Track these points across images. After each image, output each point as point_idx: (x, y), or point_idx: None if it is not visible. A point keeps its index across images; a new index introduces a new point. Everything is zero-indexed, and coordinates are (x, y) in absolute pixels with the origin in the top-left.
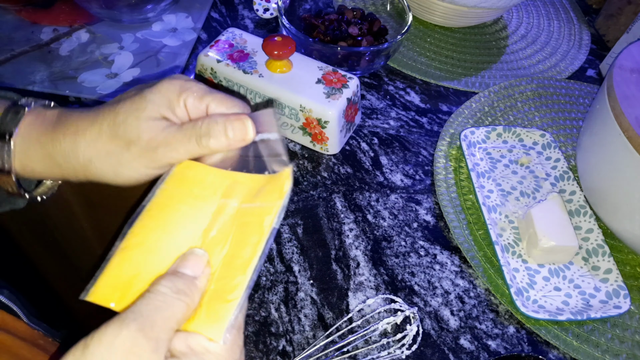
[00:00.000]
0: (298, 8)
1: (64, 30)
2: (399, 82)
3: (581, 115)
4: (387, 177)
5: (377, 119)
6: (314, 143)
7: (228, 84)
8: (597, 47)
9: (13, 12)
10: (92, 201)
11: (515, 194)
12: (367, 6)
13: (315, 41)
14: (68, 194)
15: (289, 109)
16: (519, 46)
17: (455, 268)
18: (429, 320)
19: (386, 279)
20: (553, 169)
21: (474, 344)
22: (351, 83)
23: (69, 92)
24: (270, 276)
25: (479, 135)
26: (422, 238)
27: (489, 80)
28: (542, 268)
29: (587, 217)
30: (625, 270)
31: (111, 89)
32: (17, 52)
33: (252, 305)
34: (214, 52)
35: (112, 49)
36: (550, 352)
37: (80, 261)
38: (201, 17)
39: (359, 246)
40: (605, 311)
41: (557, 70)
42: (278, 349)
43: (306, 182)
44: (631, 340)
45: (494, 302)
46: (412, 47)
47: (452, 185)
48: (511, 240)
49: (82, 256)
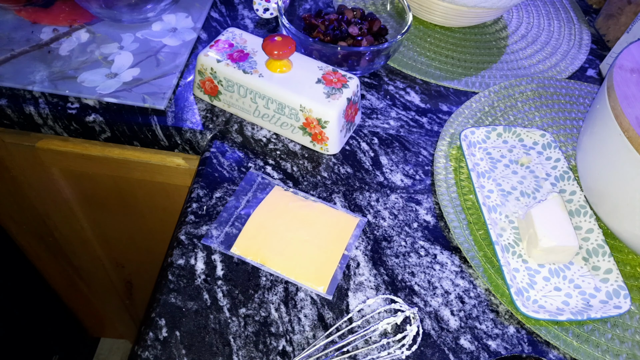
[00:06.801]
0: (298, 8)
1: (64, 30)
2: (399, 82)
3: (581, 115)
4: (387, 177)
5: (377, 118)
6: (314, 143)
7: (228, 84)
8: (597, 47)
9: (13, 12)
10: (92, 201)
11: (516, 194)
12: (367, 6)
13: (315, 41)
14: (68, 194)
15: (289, 109)
16: (519, 46)
17: (456, 268)
18: (429, 320)
19: (386, 279)
20: (553, 169)
21: (474, 344)
22: (351, 83)
23: (68, 92)
24: (270, 276)
25: (479, 135)
26: (422, 238)
27: (489, 80)
28: (542, 268)
29: (587, 217)
30: (625, 270)
31: (111, 88)
32: (17, 52)
33: (252, 305)
34: (214, 52)
35: (112, 49)
36: (551, 352)
37: (80, 261)
38: (201, 17)
39: (359, 246)
40: (606, 311)
41: (557, 70)
42: (278, 349)
43: (306, 182)
44: (631, 340)
45: (494, 302)
46: (412, 47)
47: (452, 185)
48: (511, 240)
49: (82, 256)
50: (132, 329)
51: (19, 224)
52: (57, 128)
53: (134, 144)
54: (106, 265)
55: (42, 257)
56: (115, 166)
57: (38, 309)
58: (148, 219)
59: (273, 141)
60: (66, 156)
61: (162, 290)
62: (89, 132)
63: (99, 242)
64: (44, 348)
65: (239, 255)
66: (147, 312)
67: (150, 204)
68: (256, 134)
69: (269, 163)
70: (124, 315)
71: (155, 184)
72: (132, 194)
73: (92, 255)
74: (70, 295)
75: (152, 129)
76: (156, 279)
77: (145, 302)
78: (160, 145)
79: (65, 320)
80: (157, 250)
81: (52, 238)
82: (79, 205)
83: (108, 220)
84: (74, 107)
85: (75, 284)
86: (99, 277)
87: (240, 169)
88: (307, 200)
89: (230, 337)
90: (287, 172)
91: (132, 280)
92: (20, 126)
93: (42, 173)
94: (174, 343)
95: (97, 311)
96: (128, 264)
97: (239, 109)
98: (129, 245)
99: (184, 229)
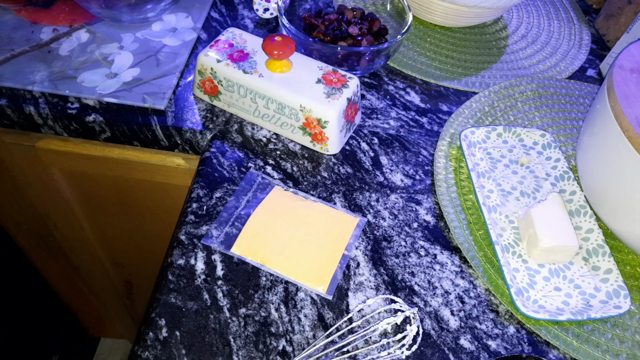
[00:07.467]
0: (298, 8)
1: (64, 30)
2: (399, 82)
3: (581, 115)
4: (387, 177)
5: (377, 118)
6: (314, 143)
7: (228, 84)
8: (597, 47)
9: (13, 12)
10: (92, 201)
11: (516, 194)
12: (367, 6)
13: (315, 41)
14: (68, 194)
15: (289, 109)
16: (519, 46)
17: (456, 268)
18: (429, 320)
19: (386, 279)
20: (553, 169)
21: (474, 344)
22: (351, 83)
23: (68, 92)
24: (270, 276)
25: (479, 135)
26: (422, 238)
27: (489, 80)
28: (542, 268)
29: (587, 217)
30: (625, 270)
31: (111, 88)
32: (17, 51)
33: (252, 305)
34: (214, 52)
35: (112, 49)
36: (551, 352)
37: (80, 261)
38: (201, 17)
39: (359, 246)
40: (606, 311)
41: (557, 70)
42: (278, 349)
43: (306, 182)
44: (631, 340)
45: (494, 302)
46: (412, 47)
47: (452, 185)
48: (511, 240)
49: (82, 256)
50: (132, 329)
51: (19, 224)
52: (57, 128)
53: (134, 144)
54: (106, 265)
55: (42, 257)
56: (115, 166)
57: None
58: (148, 219)
59: (273, 141)
60: (66, 156)
61: (162, 290)
62: (89, 132)
63: (99, 242)
64: (43, 348)
65: (239, 255)
66: (147, 312)
67: (150, 204)
68: (256, 134)
69: (269, 163)
70: (124, 315)
71: (155, 184)
72: (132, 194)
73: (92, 255)
74: (70, 295)
75: (152, 129)
76: (156, 279)
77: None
78: (160, 145)
79: (65, 320)
80: (157, 250)
81: (52, 238)
82: (79, 205)
83: (108, 220)
84: (74, 107)
85: (75, 284)
86: (99, 277)
87: (240, 169)
88: (307, 200)
89: (230, 337)
90: (287, 172)
91: (132, 280)
92: (20, 126)
93: (42, 173)
94: (174, 343)
95: (97, 311)
96: (128, 264)
97: (239, 109)
98: (129, 245)
99: (184, 229)
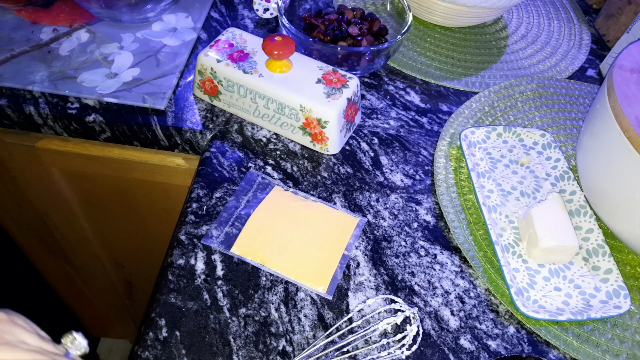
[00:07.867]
0: (298, 8)
1: (64, 30)
2: (399, 82)
3: (581, 115)
4: (387, 177)
5: (377, 118)
6: (314, 143)
7: (228, 84)
8: (597, 47)
9: (13, 12)
10: (92, 201)
11: (516, 194)
12: (367, 6)
13: (315, 41)
14: (68, 194)
15: (289, 109)
16: (519, 46)
17: (456, 268)
18: (429, 320)
19: (386, 279)
20: (553, 169)
21: (474, 344)
22: (351, 83)
23: (68, 92)
24: (270, 276)
25: (479, 135)
26: (422, 238)
27: (489, 80)
28: (542, 268)
29: (587, 217)
30: (625, 270)
31: (111, 88)
32: (17, 51)
33: (252, 305)
34: (214, 52)
35: (112, 49)
36: (551, 352)
37: (80, 261)
38: (201, 17)
39: (359, 246)
40: (606, 311)
41: (557, 70)
42: (278, 349)
43: (306, 182)
44: (631, 340)
45: (494, 302)
46: (412, 47)
47: (452, 185)
48: (511, 240)
49: (82, 256)
50: (132, 329)
51: (19, 224)
52: (57, 128)
53: (134, 144)
54: (106, 265)
55: (42, 257)
56: (115, 166)
57: (38, 308)
58: (148, 219)
59: (273, 141)
60: (66, 156)
61: (162, 290)
62: (89, 132)
63: (99, 242)
64: None
65: (239, 255)
66: (147, 312)
67: (150, 204)
68: (256, 134)
69: (269, 163)
70: (124, 315)
71: (155, 184)
72: (132, 194)
73: (92, 255)
74: (70, 295)
75: (152, 129)
76: (156, 279)
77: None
78: (160, 145)
79: (65, 320)
80: (157, 250)
81: (52, 238)
82: (79, 205)
83: (108, 220)
84: (74, 107)
85: (75, 284)
86: (99, 277)
87: (240, 169)
88: (307, 200)
89: (230, 337)
90: (287, 172)
91: (132, 280)
92: (20, 126)
93: (42, 173)
94: (174, 343)
95: (97, 311)
96: (128, 264)
97: (239, 109)
98: (129, 245)
99: (184, 229)
